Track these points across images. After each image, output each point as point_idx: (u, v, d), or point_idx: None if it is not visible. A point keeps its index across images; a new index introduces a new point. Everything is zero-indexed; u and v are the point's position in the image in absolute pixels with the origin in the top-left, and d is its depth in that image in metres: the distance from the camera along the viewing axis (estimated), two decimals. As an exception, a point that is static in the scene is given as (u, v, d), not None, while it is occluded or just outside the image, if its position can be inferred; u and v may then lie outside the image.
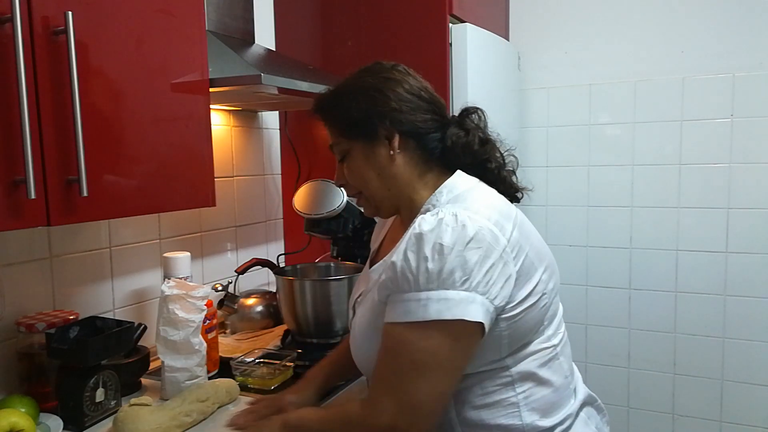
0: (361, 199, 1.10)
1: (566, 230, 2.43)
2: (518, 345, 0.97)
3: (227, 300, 1.72)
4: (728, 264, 2.21)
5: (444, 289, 0.86)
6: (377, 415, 0.90)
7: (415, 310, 0.88)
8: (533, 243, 0.99)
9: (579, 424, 1.04)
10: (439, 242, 0.87)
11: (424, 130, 1.03)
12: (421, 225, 0.91)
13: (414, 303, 0.88)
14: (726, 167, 2.19)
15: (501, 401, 0.97)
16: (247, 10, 1.78)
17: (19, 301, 1.32)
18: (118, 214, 1.22)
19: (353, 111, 1.02)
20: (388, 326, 0.92)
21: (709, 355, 2.26)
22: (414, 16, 1.87)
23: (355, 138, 1.04)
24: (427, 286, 0.87)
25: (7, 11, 0.89)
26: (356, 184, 1.07)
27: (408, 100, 1.02)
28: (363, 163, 1.04)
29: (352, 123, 1.03)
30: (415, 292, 0.88)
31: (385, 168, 1.03)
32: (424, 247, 0.88)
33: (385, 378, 0.92)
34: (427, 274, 0.87)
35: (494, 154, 1.08)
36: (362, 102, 1.02)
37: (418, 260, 0.88)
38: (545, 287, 0.98)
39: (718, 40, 2.16)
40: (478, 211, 0.93)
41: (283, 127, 2.15)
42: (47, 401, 1.21)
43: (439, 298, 0.86)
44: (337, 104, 1.06)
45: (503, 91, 2.23)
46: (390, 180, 1.03)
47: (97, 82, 1.06)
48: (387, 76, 1.04)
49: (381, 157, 1.02)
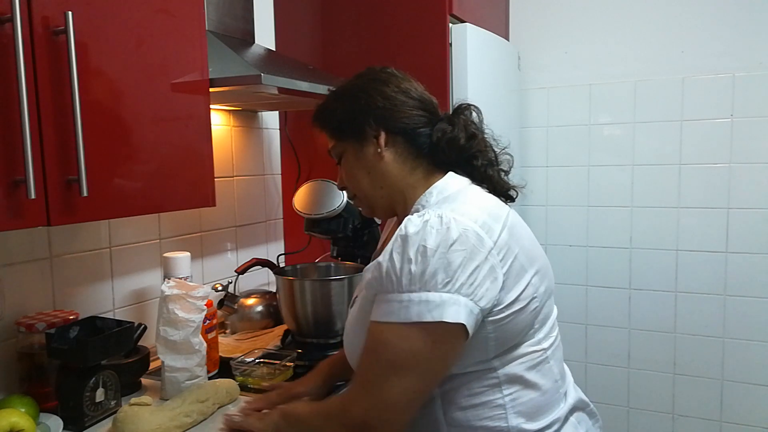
0: (356, 200, 1.13)
1: (566, 230, 2.43)
2: (506, 347, 0.96)
3: (227, 300, 1.72)
4: (728, 264, 2.21)
5: (426, 291, 0.87)
6: (351, 409, 0.91)
7: (396, 310, 0.88)
8: (524, 245, 0.98)
9: (568, 429, 1.03)
10: (423, 244, 0.88)
11: (412, 126, 1.05)
12: (407, 227, 0.91)
13: (396, 304, 0.89)
14: (726, 167, 2.19)
15: (487, 403, 0.96)
16: (247, 10, 1.78)
17: (19, 301, 1.32)
18: (118, 214, 1.22)
19: (340, 112, 1.07)
20: (372, 325, 0.93)
21: (709, 355, 2.26)
22: (414, 16, 1.87)
23: (346, 139, 1.08)
24: (409, 287, 0.88)
25: (7, 11, 0.89)
26: (351, 185, 1.10)
27: (393, 98, 1.05)
28: (354, 163, 1.07)
29: (340, 124, 1.08)
30: (398, 293, 0.89)
31: (375, 166, 1.05)
32: (408, 249, 0.89)
33: (362, 375, 0.93)
34: (410, 275, 0.88)
35: (482, 151, 1.07)
36: (348, 103, 1.07)
37: (402, 262, 0.89)
38: (536, 290, 0.97)
39: (718, 40, 2.16)
40: (466, 212, 0.93)
41: (283, 127, 2.15)
42: (47, 401, 1.21)
43: (420, 300, 0.87)
44: (327, 108, 1.10)
45: (503, 91, 2.23)
46: (380, 178, 1.05)
47: (97, 82, 1.06)
48: (374, 77, 1.08)
49: (370, 155, 1.05)
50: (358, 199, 1.12)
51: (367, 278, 0.96)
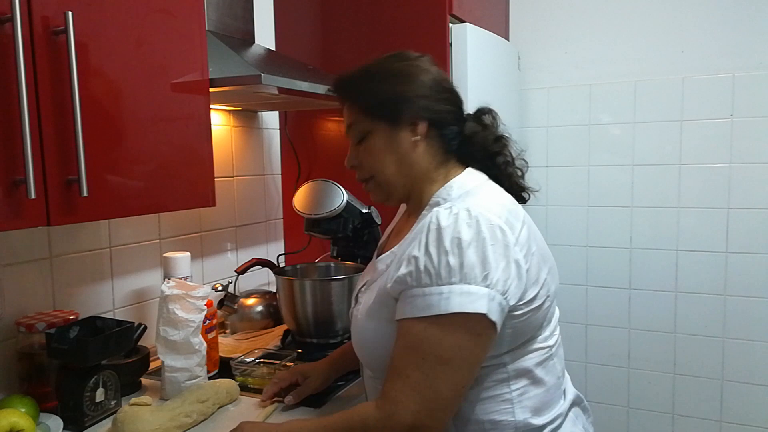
0: (371, 183, 1.07)
1: (566, 230, 2.43)
2: (518, 344, 0.97)
3: (227, 300, 1.72)
4: (728, 264, 2.21)
5: (466, 284, 0.86)
6: (399, 413, 0.88)
7: (437, 303, 0.87)
8: (539, 245, 1.00)
9: (568, 424, 1.05)
10: (458, 236, 0.88)
11: (446, 120, 1.04)
12: (439, 219, 0.91)
13: (436, 296, 0.87)
14: (726, 167, 2.19)
15: (495, 397, 0.97)
16: (247, 10, 1.78)
17: (19, 301, 1.32)
18: (118, 214, 1.22)
19: (381, 92, 1.02)
20: (407, 322, 0.91)
21: (709, 355, 2.26)
22: (414, 16, 1.87)
23: (379, 119, 1.02)
24: (449, 279, 0.87)
25: (7, 11, 0.89)
26: (372, 167, 1.05)
27: (434, 88, 1.03)
28: (384, 146, 1.03)
29: (378, 103, 1.02)
30: (437, 285, 0.88)
31: (406, 154, 1.02)
32: (445, 241, 0.88)
33: (405, 376, 0.89)
34: (449, 267, 0.87)
35: (506, 151, 1.09)
36: (391, 84, 1.02)
37: (439, 254, 0.88)
38: (548, 290, 0.99)
39: (718, 40, 2.16)
40: (489, 208, 0.93)
41: (283, 127, 2.15)
42: (47, 401, 1.21)
43: (461, 292, 0.86)
44: (363, 84, 1.04)
45: (503, 91, 2.23)
46: (407, 167, 1.03)
47: (97, 82, 1.06)
48: (415, 64, 1.05)
49: (404, 141, 1.02)
50: (374, 182, 1.06)
51: (400, 274, 0.92)
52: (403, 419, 0.87)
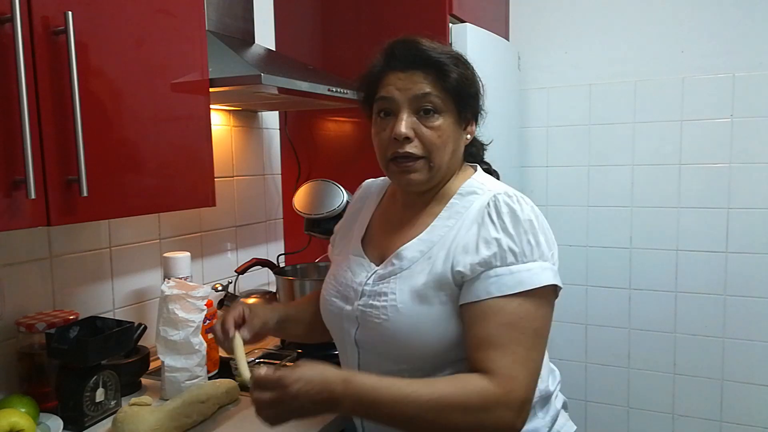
0: (419, 162, 1.01)
1: (566, 230, 2.43)
2: None
3: (227, 300, 1.72)
4: (728, 264, 2.21)
5: (543, 260, 0.95)
6: (515, 390, 0.89)
7: (528, 279, 0.93)
8: None
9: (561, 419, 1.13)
10: (529, 219, 0.96)
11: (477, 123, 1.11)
12: (503, 202, 0.98)
13: (525, 273, 0.93)
14: (726, 167, 2.19)
15: None
16: (247, 10, 1.78)
17: (19, 301, 1.32)
18: (118, 214, 1.22)
19: (474, 84, 1.06)
20: (499, 301, 0.93)
21: (709, 355, 2.26)
22: (414, 16, 1.87)
23: (455, 107, 1.02)
24: (531, 257, 0.94)
25: (7, 11, 0.89)
26: (433, 146, 1.00)
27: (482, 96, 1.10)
28: (451, 131, 1.03)
29: (467, 94, 1.04)
30: (522, 263, 0.94)
31: (459, 148, 1.07)
32: (523, 223, 0.96)
33: (512, 352, 0.91)
34: (530, 245, 0.95)
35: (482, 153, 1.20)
36: (477, 80, 1.07)
37: (519, 234, 0.95)
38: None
39: (718, 40, 2.16)
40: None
41: (283, 127, 2.15)
42: (47, 401, 1.21)
43: (546, 267, 0.95)
44: (461, 68, 1.04)
45: (503, 91, 2.22)
46: (455, 160, 1.07)
47: (97, 82, 1.06)
48: None
49: (461, 135, 1.06)
50: (424, 162, 1.01)
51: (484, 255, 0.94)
52: (519, 395, 0.90)
